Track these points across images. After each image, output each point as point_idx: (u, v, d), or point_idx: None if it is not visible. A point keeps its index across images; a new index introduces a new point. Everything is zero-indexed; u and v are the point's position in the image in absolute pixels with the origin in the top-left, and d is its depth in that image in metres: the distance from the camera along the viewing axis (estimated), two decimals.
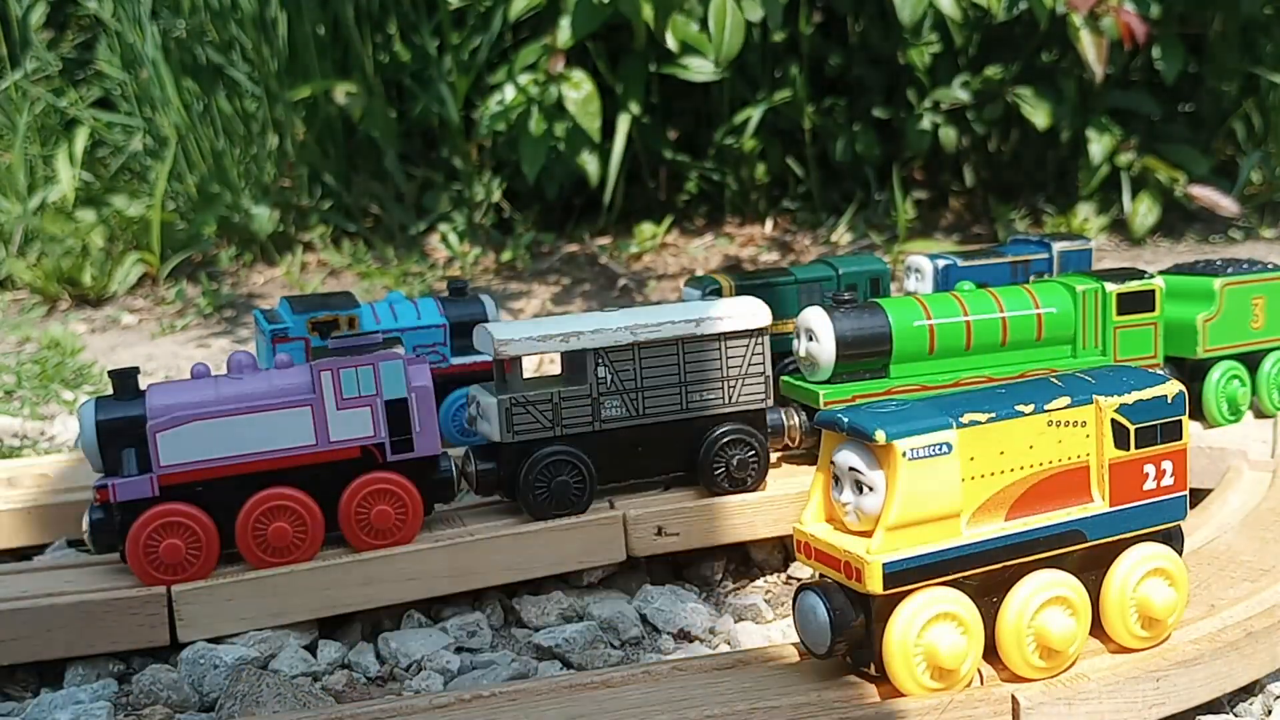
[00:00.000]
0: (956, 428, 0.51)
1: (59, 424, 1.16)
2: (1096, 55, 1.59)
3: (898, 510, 0.50)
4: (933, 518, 0.51)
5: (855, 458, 0.51)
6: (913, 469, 0.50)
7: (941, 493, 0.51)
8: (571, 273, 1.78)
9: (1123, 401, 0.54)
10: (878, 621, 0.51)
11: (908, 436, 0.50)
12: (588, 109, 1.67)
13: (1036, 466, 0.53)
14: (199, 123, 1.90)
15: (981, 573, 0.52)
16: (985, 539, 0.52)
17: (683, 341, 0.75)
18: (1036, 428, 0.53)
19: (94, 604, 0.67)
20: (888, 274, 0.94)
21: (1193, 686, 0.56)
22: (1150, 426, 0.55)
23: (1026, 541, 0.53)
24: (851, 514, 0.52)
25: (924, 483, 0.50)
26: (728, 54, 1.42)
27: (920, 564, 0.51)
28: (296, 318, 0.84)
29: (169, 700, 0.63)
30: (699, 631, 0.70)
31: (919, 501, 0.50)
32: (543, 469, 0.73)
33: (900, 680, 0.51)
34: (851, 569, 0.51)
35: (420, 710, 0.54)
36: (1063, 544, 0.54)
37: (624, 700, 0.54)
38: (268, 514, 0.69)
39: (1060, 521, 0.54)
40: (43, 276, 1.72)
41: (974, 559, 0.52)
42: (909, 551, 0.51)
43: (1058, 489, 0.54)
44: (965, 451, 0.51)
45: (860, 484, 0.51)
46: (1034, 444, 0.53)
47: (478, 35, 1.91)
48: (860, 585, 0.51)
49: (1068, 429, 0.54)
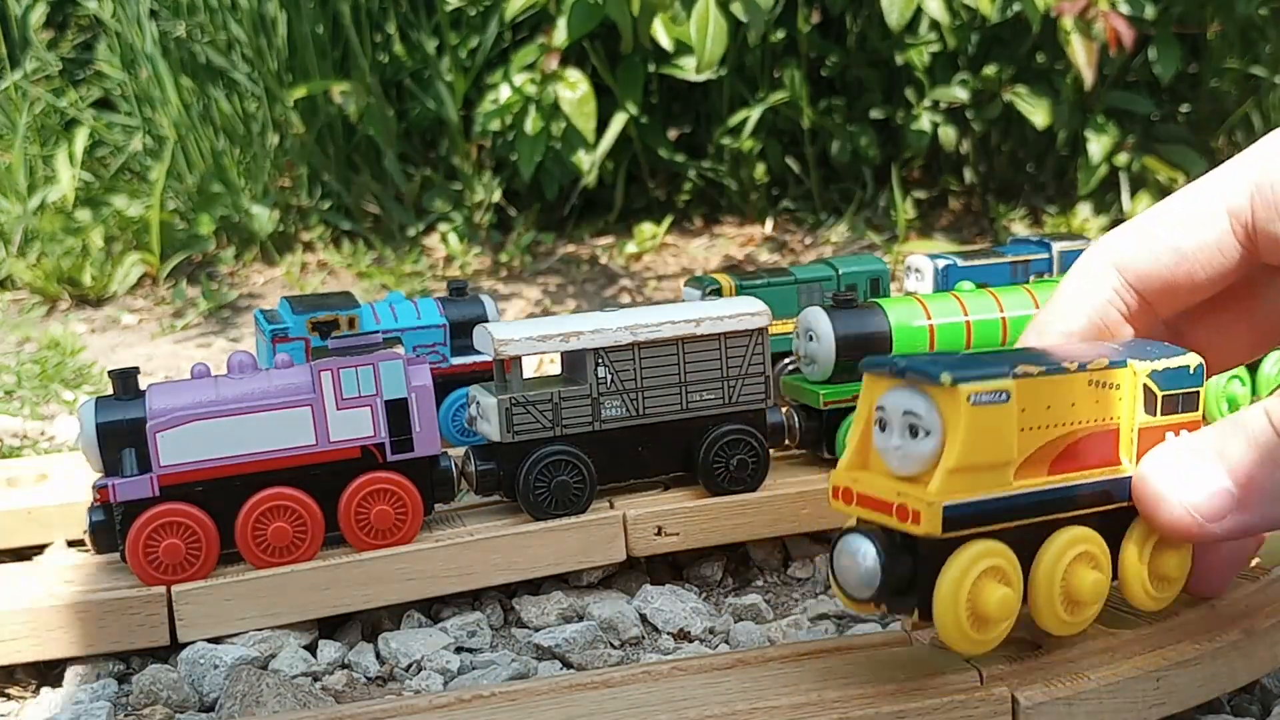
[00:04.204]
0: (1013, 378, 0.51)
1: (59, 424, 1.16)
2: (1086, 59, 1.59)
3: (958, 453, 0.49)
4: (988, 465, 0.50)
5: (911, 401, 0.50)
6: (975, 414, 0.49)
7: (998, 441, 0.50)
8: (570, 273, 1.78)
9: (1153, 368, 0.54)
10: (926, 569, 0.50)
11: (972, 381, 0.49)
12: (583, 109, 1.67)
13: (1077, 424, 0.53)
14: (198, 122, 1.90)
15: (1025, 525, 0.52)
16: (1034, 490, 0.52)
17: (683, 341, 0.75)
18: (1079, 385, 0.53)
19: (94, 604, 0.67)
20: (888, 274, 0.94)
21: (1193, 686, 0.56)
22: (1174, 395, 0.55)
23: (1067, 497, 0.53)
24: (900, 459, 0.51)
25: (984, 429, 0.50)
26: (710, 60, 1.42)
27: (976, 510, 0.50)
28: (296, 318, 0.84)
29: (169, 700, 0.63)
30: (699, 631, 0.70)
31: (978, 447, 0.50)
32: (543, 469, 0.73)
33: (947, 628, 0.50)
34: (907, 511, 0.50)
35: (420, 710, 0.54)
36: (1095, 503, 0.54)
37: (624, 700, 0.54)
38: (268, 514, 0.69)
39: (1095, 481, 0.53)
40: (43, 276, 1.72)
41: (1023, 510, 0.51)
42: (966, 496, 0.50)
43: (1092, 450, 0.54)
44: (1018, 402, 0.51)
45: (915, 428, 0.50)
46: (1076, 402, 0.53)
47: (476, 35, 1.91)
48: (916, 527, 0.49)
49: (1105, 390, 0.54)
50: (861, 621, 0.71)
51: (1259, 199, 0.54)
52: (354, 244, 1.89)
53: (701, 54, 1.42)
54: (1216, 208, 0.55)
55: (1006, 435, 0.50)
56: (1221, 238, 0.55)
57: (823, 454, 0.80)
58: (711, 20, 1.41)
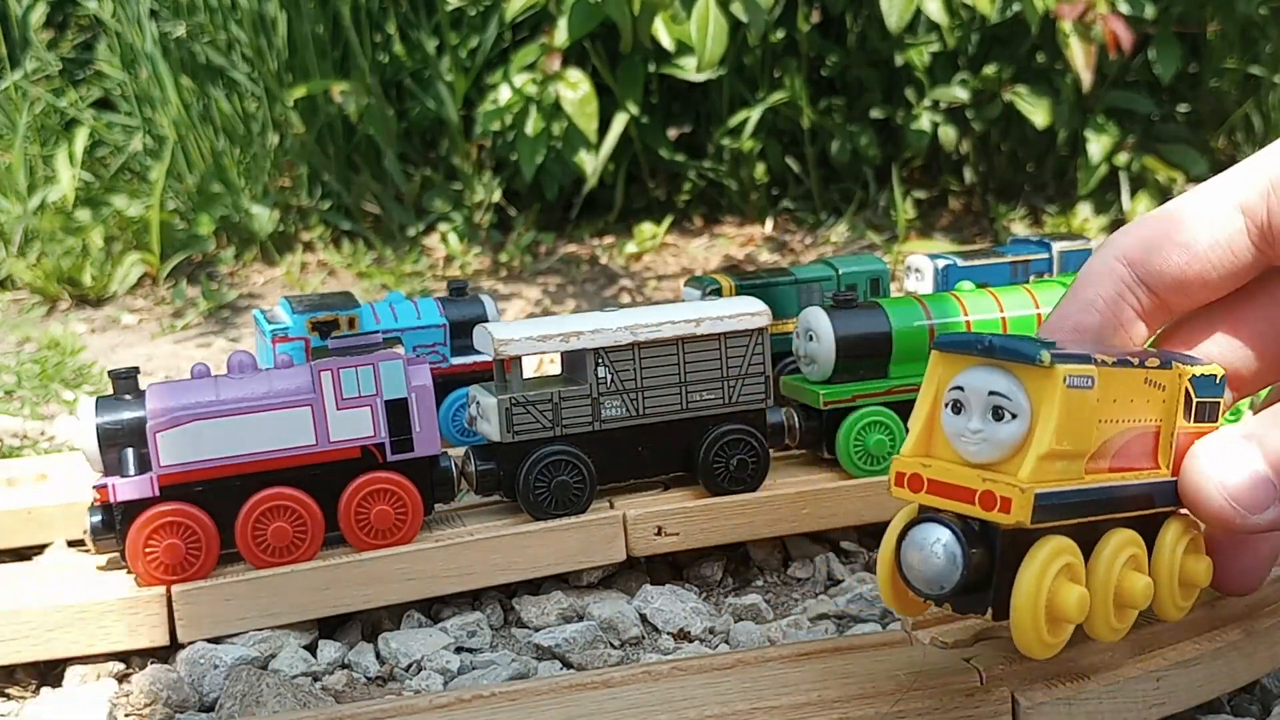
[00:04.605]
0: (1096, 365, 0.48)
1: (59, 424, 1.16)
2: (1085, 62, 1.59)
3: (1051, 439, 0.46)
4: (1070, 454, 0.48)
5: (999, 381, 0.47)
6: (1069, 398, 0.46)
7: (1082, 429, 0.48)
8: (570, 273, 1.78)
9: (1193, 373, 0.53)
10: (1004, 564, 0.48)
11: (1067, 363, 0.46)
12: (585, 109, 1.67)
13: (1133, 421, 0.51)
14: (198, 122, 1.90)
15: (1086, 524, 0.49)
16: (1103, 485, 0.49)
17: (683, 341, 0.75)
18: (1137, 382, 0.51)
19: (94, 604, 0.67)
20: (888, 274, 0.94)
21: (1193, 686, 0.56)
22: (1205, 403, 0.54)
23: (1126, 497, 0.51)
24: (980, 443, 0.47)
25: (1073, 415, 0.47)
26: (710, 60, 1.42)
27: (1060, 502, 0.47)
28: (296, 318, 0.84)
29: (169, 700, 0.63)
30: (699, 631, 0.70)
31: (1069, 435, 0.47)
32: (543, 469, 0.73)
33: (1024, 629, 0.48)
34: (994, 498, 0.46)
35: (420, 710, 0.54)
36: (1140, 505, 0.52)
37: (624, 700, 0.54)
38: (268, 514, 0.69)
39: (1142, 482, 0.52)
40: (43, 276, 1.72)
41: (1094, 505, 0.49)
42: (1053, 485, 0.47)
43: (1137, 450, 0.52)
44: (1097, 390, 0.48)
45: (1000, 410, 0.47)
46: (1134, 398, 0.51)
47: (476, 35, 1.91)
48: (1005, 517, 0.46)
49: (1154, 390, 0.52)
50: (861, 621, 0.71)
51: (1274, 197, 0.53)
52: (354, 244, 1.89)
53: (702, 54, 1.42)
54: (1230, 206, 0.55)
55: (1089, 424, 0.48)
56: (1234, 236, 0.54)
57: (823, 454, 0.80)
58: (712, 20, 1.41)
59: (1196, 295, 0.56)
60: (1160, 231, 0.56)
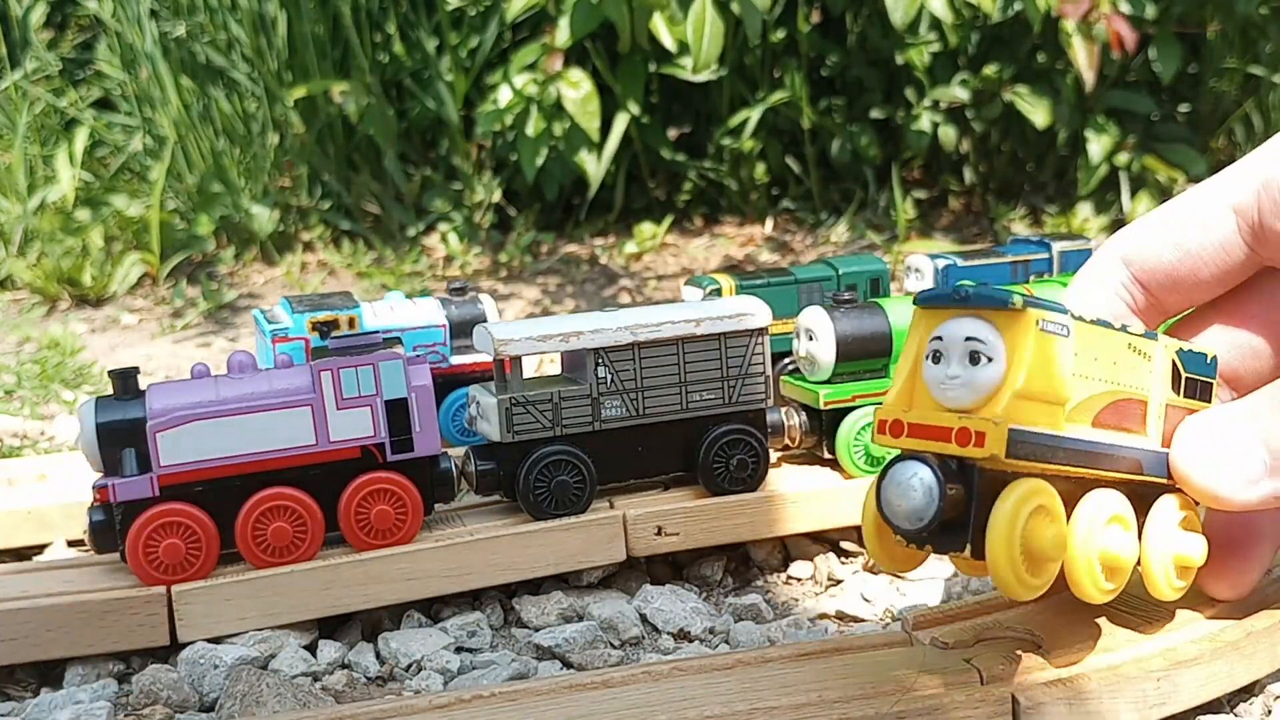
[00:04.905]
0: (1072, 317, 0.50)
1: (59, 424, 1.16)
2: (1088, 61, 1.59)
3: (1025, 378, 0.48)
4: (1047, 398, 0.49)
5: (975, 328, 0.49)
6: (1042, 341, 0.48)
7: (1058, 375, 0.49)
8: (570, 273, 1.78)
9: (1180, 346, 0.54)
10: (982, 501, 0.49)
11: (1039, 309, 0.48)
12: (586, 108, 1.67)
13: (1116, 385, 0.52)
14: (198, 122, 1.90)
15: (1068, 476, 0.50)
16: (1084, 437, 0.50)
17: (683, 341, 0.75)
18: (1120, 345, 0.52)
19: (94, 604, 0.67)
20: (888, 274, 0.94)
21: (1193, 686, 0.56)
22: (1195, 380, 0.55)
23: (1108, 454, 0.51)
24: (959, 388, 0.49)
25: (1048, 359, 0.48)
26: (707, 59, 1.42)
27: (1036, 442, 0.48)
28: (296, 318, 0.84)
29: (169, 700, 0.63)
30: (699, 631, 0.70)
31: (1043, 377, 0.48)
32: (543, 469, 0.73)
33: (1001, 566, 0.48)
34: (969, 433, 0.48)
35: (420, 710, 0.54)
36: (1126, 468, 0.52)
37: (624, 700, 0.54)
38: (268, 514, 0.69)
39: (1130, 445, 0.52)
40: (43, 276, 1.72)
41: (1073, 455, 0.50)
42: (1028, 425, 0.48)
43: (1124, 415, 0.53)
44: (1074, 343, 0.50)
45: (977, 355, 0.48)
46: (1117, 361, 0.52)
47: (476, 35, 1.91)
48: (979, 450, 0.47)
49: (1139, 357, 0.53)
50: (861, 621, 0.71)
51: (1265, 197, 0.54)
52: (354, 244, 1.89)
53: (698, 54, 1.42)
54: (1222, 205, 0.56)
55: (1064, 371, 0.49)
56: (1227, 236, 0.56)
57: (823, 454, 0.80)
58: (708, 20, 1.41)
59: (1190, 294, 0.57)
60: (1155, 232, 0.57)
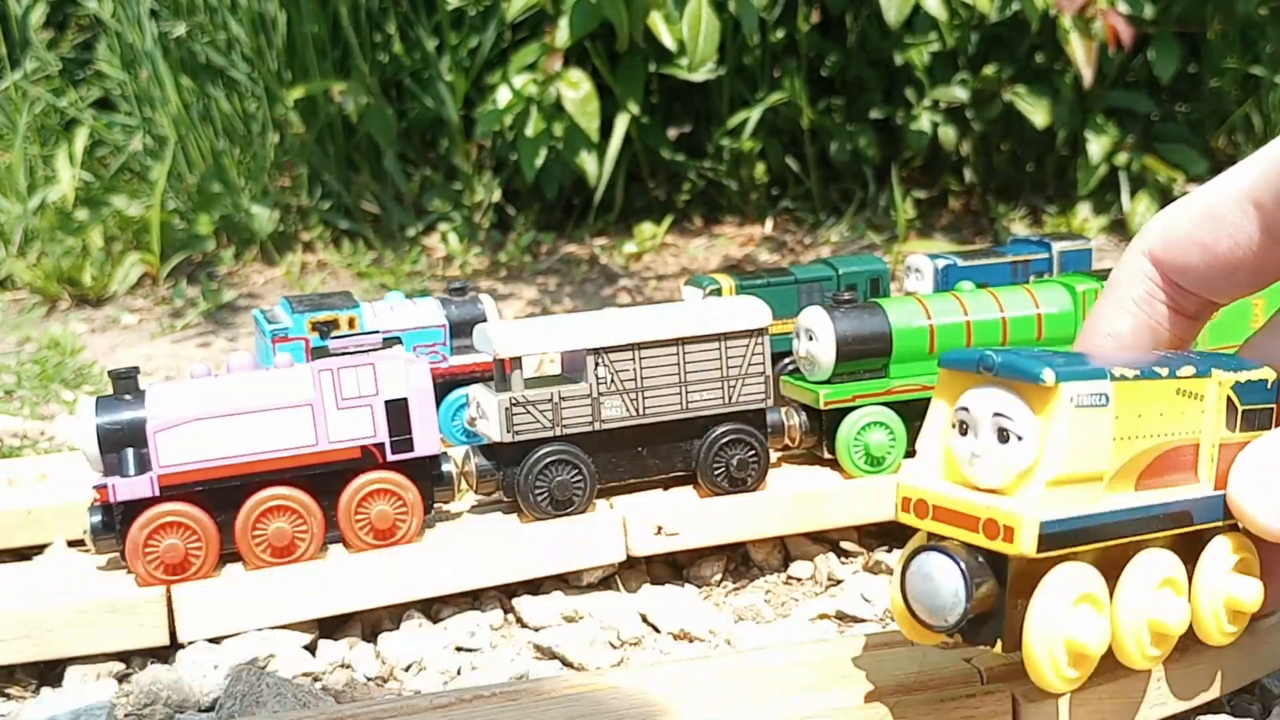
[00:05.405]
0: (1111, 380, 0.46)
1: (59, 424, 1.16)
2: (1085, 58, 1.59)
3: (1060, 464, 0.44)
4: (1084, 478, 0.45)
5: (1002, 401, 0.45)
6: (1077, 417, 0.44)
7: (1097, 449, 0.45)
8: (570, 273, 1.78)
9: (1236, 379, 0.50)
10: (1014, 594, 0.45)
11: (1074, 380, 0.44)
12: (586, 109, 1.67)
13: (1163, 436, 0.48)
14: (198, 122, 1.90)
15: (1109, 547, 0.47)
16: (1126, 507, 0.47)
17: (683, 341, 0.75)
18: (1167, 394, 0.48)
19: (94, 604, 0.67)
20: (888, 274, 0.94)
21: (1193, 686, 0.56)
22: (1254, 410, 0.51)
23: (1155, 516, 0.48)
24: (986, 467, 0.45)
25: (1085, 435, 0.44)
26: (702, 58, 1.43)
27: (1072, 528, 0.45)
28: (296, 318, 0.84)
29: (169, 700, 0.63)
30: (699, 631, 0.70)
31: (1078, 456, 0.44)
32: (543, 469, 0.73)
33: (1037, 666, 0.45)
34: (997, 527, 0.44)
35: (420, 710, 0.54)
36: (1176, 524, 0.49)
37: (624, 700, 0.54)
38: (268, 514, 0.69)
39: (1178, 499, 0.49)
40: (43, 276, 1.72)
41: (1114, 528, 0.46)
42: (1063, 512, 0.44)
43: (1173, 465, 0.49)
44: (1115, 408, 0.46)
45: (1006, 432, 0.45)
46: (1164, 411, 0.48)
47: (476, 35, 1.91)
48: (1008, 546, 0.44)
49: (1189, 400, 0.49)
50: (861, 621, 0.71)
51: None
52: (354, 244, 1.89)
53: (693, 51, 1.42)
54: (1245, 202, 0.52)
55: (1104, 443, 0.46)
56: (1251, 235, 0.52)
57: (823, 454, 0.80)
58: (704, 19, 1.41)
59: (1230, 291, 0.54)
60: (1181, 229, 0.53)
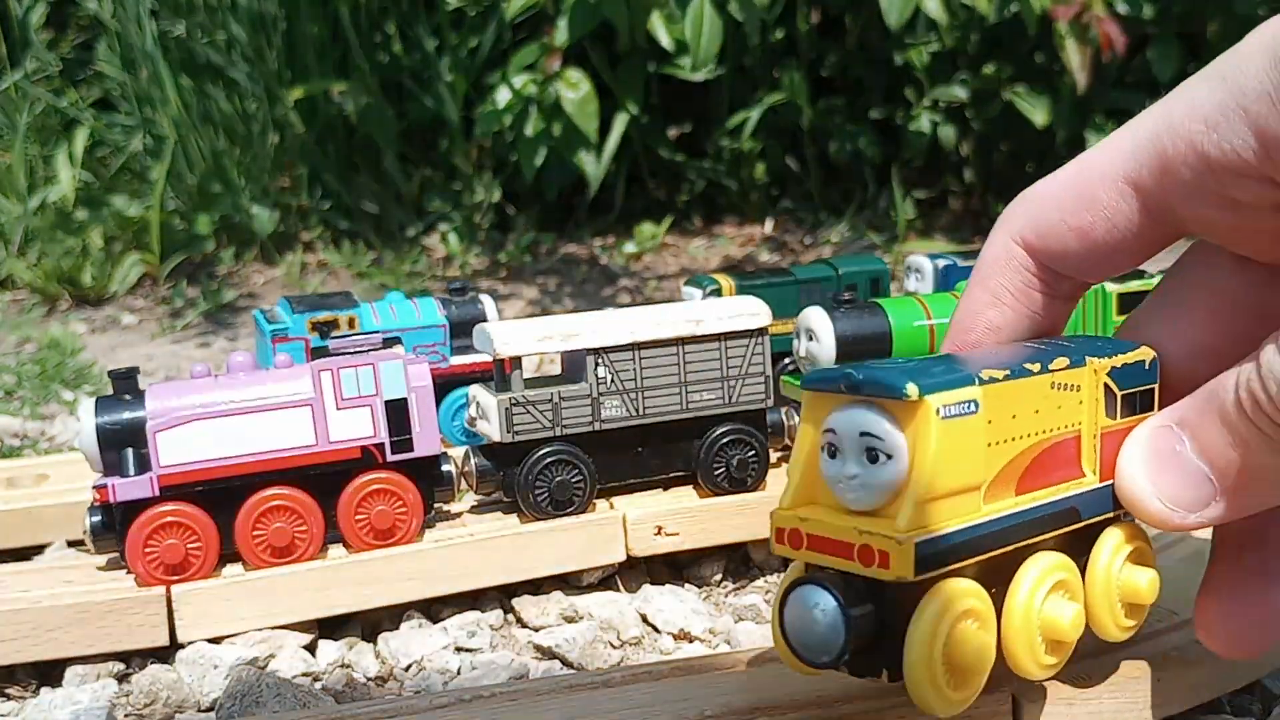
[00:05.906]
0: (979, 384, 0.44)
1: (59, 424, 1.16)
2: (1081, 63, 1.60)
3: (929, 479, 0.42)
4: (958, 490, 0.43)
5: (867, 420, 0.43)
6: (946, 430, 0.42)
7: (969, 460, 0.43)
8: (570, 273, 1.78)
9: (1112, 364, 0.48)
10: (893, 619, 0.44)
11: (939, 391, 0.42)
12: (585, 109, 1.67)
13: (1041, 434, 0.47)
14: (198, 122, 1.90)
15: (995, 557, 0.45)
16: (1006, 514, 0.45)
17: (683, 341, 0.75)
18: (1042, 390, 0.46)
19: (94, 604, 0.66)
20: (888, 274, 0.94)
21: (1193, 686, 0.56)
22: (1133, 393, 0.49)
23: (1039, 519, 0.46)
24: (857, 489, 0.43)
25: (955, 447, 0.43)
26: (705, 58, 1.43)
27: (950, 545, 0.43)
28: (296, 318, 0.84)
29: (169, 700, 0.63)
30: (699, 631, 0.70)
31: (950, 470, 0.43)
32: (543, 469, 0.73)
33: (922, 689, 0.43)
34: (872, 553, 0.42)
35: (420, 710, 0.54)
36: (1064, 523, 0.47)
37: (624, 700, 0.54)
38: (268, 514, 0.69)
39: (1062, 498, 0.47)
40: (43, 276, 1.72)
41: (996, 538, 0.45)
42: (938, 530, 0.42)
43: (1054, 461, 0.47)
44: (985, 413, 0.44)
45: (874, 451, 0.43)
46: (1039, 408, 0.46)
47: (476, 35, 1.91)
48: (885, 572, 0.42)
49: (1066, 393, 0.47)
50: None
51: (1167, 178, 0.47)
52: (354, 244, 1.89)
53: (697, 52, 1.43)
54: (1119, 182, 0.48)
55: (975, 453, 0.44)
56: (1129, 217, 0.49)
57: None
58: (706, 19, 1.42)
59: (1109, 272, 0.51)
60: (1052, 213, 0.50)
